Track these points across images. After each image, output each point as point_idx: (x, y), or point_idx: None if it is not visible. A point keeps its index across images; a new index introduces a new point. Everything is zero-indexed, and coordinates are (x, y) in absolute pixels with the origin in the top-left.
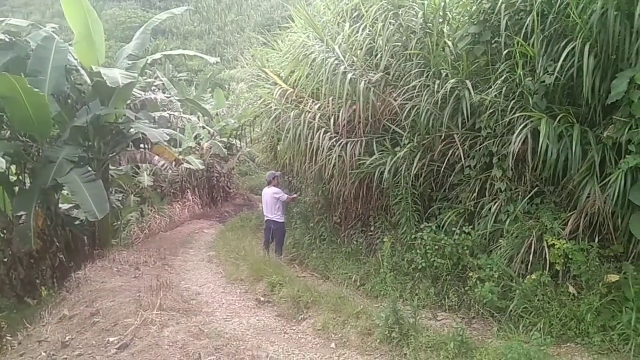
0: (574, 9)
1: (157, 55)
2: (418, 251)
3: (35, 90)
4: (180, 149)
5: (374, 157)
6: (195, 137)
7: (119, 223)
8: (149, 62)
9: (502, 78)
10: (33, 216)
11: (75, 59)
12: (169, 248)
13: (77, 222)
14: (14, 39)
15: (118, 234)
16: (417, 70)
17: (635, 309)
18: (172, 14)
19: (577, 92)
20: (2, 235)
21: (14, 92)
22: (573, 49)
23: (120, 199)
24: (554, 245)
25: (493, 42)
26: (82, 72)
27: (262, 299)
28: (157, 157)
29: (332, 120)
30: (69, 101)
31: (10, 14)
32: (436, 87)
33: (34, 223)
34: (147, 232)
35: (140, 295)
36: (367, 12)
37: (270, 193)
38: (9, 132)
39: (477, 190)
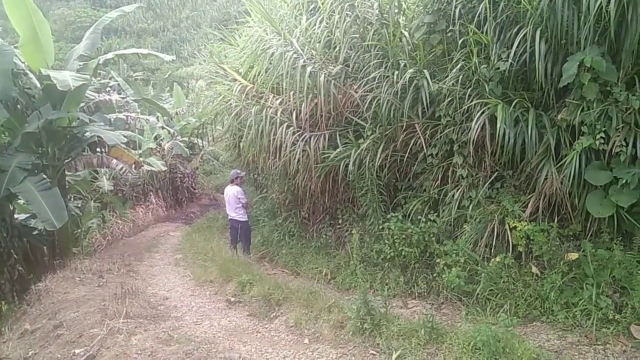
0: None
1: (109, 55)
2: (386, 241)
3: None
4: (140, 151)
5: (338, 150)
6: (155, 138)
7: (79, 230)
8: (100, 62)
9: (458, 66)
10: None
11: (22, 62)
12: (134, 253)
13: (35, 232)
14: None
15: (79, 241)
16: (375, 61)
17: (595, 284)
18: (122, 12)
19: (530, 77)
20: None
21: None
22: (525, 35)
23: (79, 205)
24: (515, 227)
25: (448, 30)
26: (31, 75)
27: (233, 299)
28: (115, 161)
29: (294, 115)
30: (18, 106)
31: None
32: (395, 77)
33: None
34: (110, 238)
35: (105, 304)
36: (323, 4)
37: (232, 192)
38: None
39: (439, 178)
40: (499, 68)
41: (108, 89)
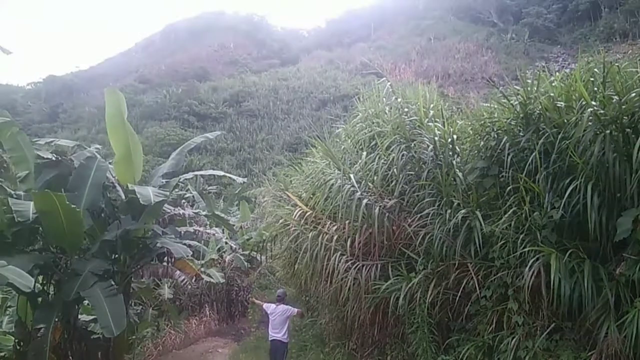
0: (573, 150)
1: (189, 175)
2: None
3: (73, 206)
4: (203, 261)
5: (390, 282)
6: (218, 250)
7: (134, 337)
8: (181, 180)
9: (511, 210)
10: (52, 329)
11: (114, 177)
12: None
13: (93, 336)
14: (59, 158)
15: (132, 349)
16: (429, 198)
17: None
18: (206, 138)
19: (586, 227)
20: (18, 348)
21: (53, 207)
22: (577, 186)
23: (138, 311)
24: None
25: (500, 175)
26: (118, 188)
27: None
28: (178, 272)
29: (348, 242)
30: (102, 215)
31: (60, 129)
32: (448, 215)
33: (51, 336)
34: (161, 349)
35: None
36: (381, 143)
37: (279, 310)
38: (41, 242)
39: (494, 322)
40: (552, 217)
41: (183, 201)
